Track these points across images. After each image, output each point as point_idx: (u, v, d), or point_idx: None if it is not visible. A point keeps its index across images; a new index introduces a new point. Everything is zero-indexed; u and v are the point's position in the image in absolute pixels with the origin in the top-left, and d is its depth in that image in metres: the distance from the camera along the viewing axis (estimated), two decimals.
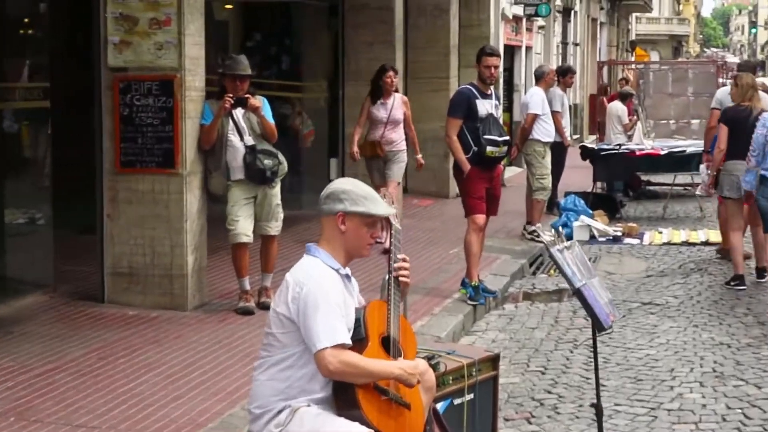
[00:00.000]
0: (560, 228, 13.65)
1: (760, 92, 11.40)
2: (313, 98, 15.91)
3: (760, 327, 9.18)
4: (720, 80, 21.97)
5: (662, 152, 17.05)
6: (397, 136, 11.94)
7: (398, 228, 4.82)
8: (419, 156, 12.38)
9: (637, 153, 17.03)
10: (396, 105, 11.92)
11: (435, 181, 17.01)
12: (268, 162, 8.91)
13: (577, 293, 5.44)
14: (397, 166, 12.02)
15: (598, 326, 5.49)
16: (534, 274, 12.02)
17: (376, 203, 4.60)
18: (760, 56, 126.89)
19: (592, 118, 33.67)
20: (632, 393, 7.30)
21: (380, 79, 11.89)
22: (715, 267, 12.12)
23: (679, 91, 20.06)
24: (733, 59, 74.07)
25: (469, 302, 9.67)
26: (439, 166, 16.90)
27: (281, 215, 9.14)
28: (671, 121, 20.06)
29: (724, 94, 12.59)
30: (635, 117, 20.10)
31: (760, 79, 13.68)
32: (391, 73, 11.92)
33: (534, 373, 7.87)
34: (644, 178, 19.49)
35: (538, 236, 13.36)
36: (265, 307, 8.94)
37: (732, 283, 10.94)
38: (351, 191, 4.56)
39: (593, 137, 30.51)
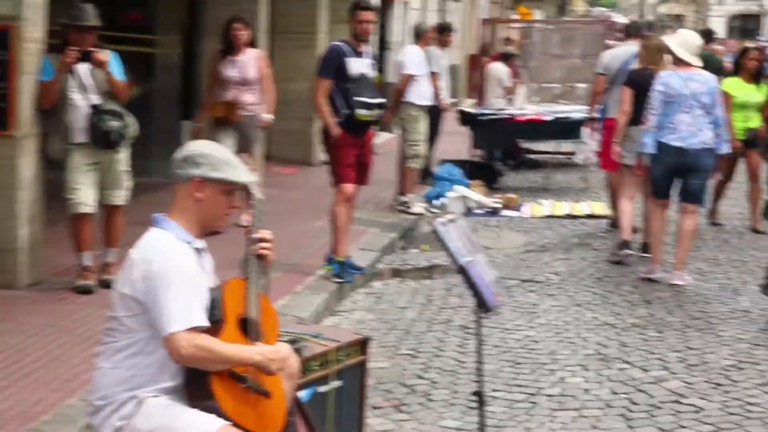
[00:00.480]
0: (436, 200, 14.10)
1: None
2: (164, 54, 15.65)
3: (647, 306, 9.38)
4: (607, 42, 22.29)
5: (546, 118, 17.24)
6: (252, 98, 11.42)
7: (260, 198, 4.76)
8: (267, 115, 11.58)
9: (519, 119, 17.19)
10: (249, 62, 11.35)
11: (299, 147, 16.95)
12: (114, 123, 8.73)
13: (461, 270, 5.46)
14: (253, 133, 11.56)
15: (483, 307, 5.51)
16: (404, 248, 12.07)
17: (237, 170, 4.54)
18: (649, 16, 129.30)
19: (471, 80, 33.94)
20: (510, 378, 7.39)
21: (228, 33, 11.40)
22: (599, 242, 12.34)
23: (565, 52, 20.26)
24: (621, 20, 75.17)
25: (335, 280, 9.66)
26: (304, 131, 16.88)
27: (128, 183, 8.98)
28: (556, 85, 20.26)
29: (610, 58, 12.79)
30: (519, 79, 20.30)
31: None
32: (238, 25, 11.38)
33: (404, 357, 7.90)
34: (524, 145, 19.72)
35: (410, 207, 13.48)
36: (108, 285, 8.78)
37: (619, 252, 11.28)
38: (210, 155, 4.49)
39: (472, 101, 30.74)
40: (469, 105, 25.68)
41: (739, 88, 13.16)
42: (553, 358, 7.87)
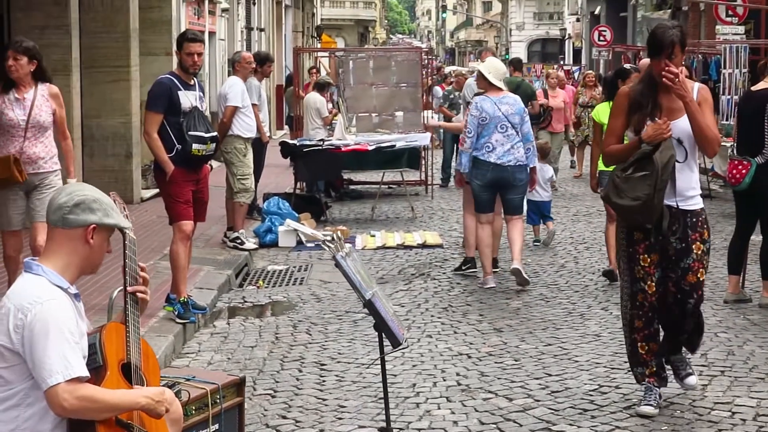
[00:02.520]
0: (266, 235, 14.06)
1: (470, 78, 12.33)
2: None
3: (498, 334, 9.54)
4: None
5: (370, 148, 17.40)
6: (45, 150, 9.26)
7: (133, 238, 4.70)
8: (72, 176, 9.54)
9: (343, 149, 17.30)
10: (38, 102, 9.17)
11: (117, 186, 16.66)
12: None
13: (369, 305, 5.47)
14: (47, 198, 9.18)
15: (393, 341, 5.55)
16: (241, 285, 12.00)
17: (119, 214, 4.53)
18: (449, 43, 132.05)
19: (280, 111, 34.05)
20: (376, 413, 7.40)
21: (2, 64, 9.25)
22: (437, 271, 12.50)
23: (381, 81, 20.48)
24: (421, 45, 76.48)
25: (179, 320, 9.54)
26: (122, 168, 16.63)
27: None
28: (374, 114, 20.44)
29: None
30: (335, 110, 20.44)
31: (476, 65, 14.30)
32: (13, 52, 9.08)
33: (263, 397, 7.84)
34: (346, 176, 19.89)
35: (242, 243, 13.42)
36: None
37: (464, 268, 12.17)
38: (101, 200, 4.48)
39: (282, 132, 30.84)
40: (280, 136, 25.81)
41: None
42: (416, 391, 7.92)
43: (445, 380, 8.18)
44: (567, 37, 72.66)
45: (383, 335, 5.59)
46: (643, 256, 7.14)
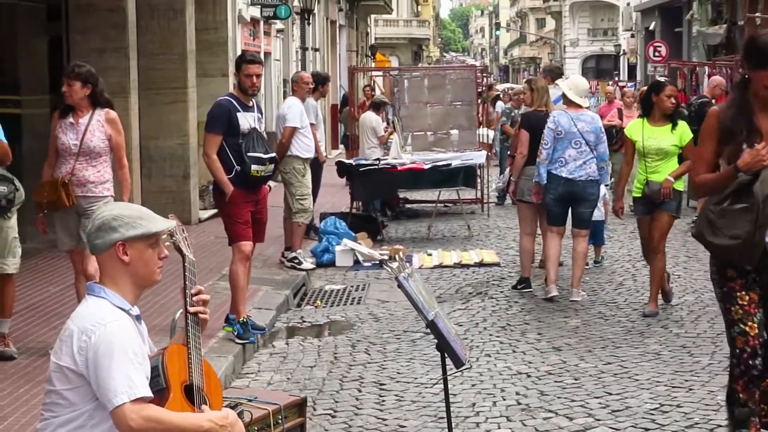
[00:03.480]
0: (323, 255, 14.11)
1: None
2: (31, 115, 15.41)
3: (557, 353, 9.51)
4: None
5: (426, 167, 17.42)
6: (96, 175, 9.18)
7: (192, 259, 4.74)
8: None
9: (399, 168, 17.33)
10: (92, 127, 9.13)
11: (175, 207, 16.77)
12: (2, 188, 8.59)
13: (432, 326, 5.48)
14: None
15: (456, 362, 5.54)
16: (299, 305, 12.04)
17: (153, 220, 4.56)
18: (503, 60, 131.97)
19: (335, 130, 34.17)
20: None
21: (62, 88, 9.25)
22: (494, 290, 12.48)
23: (436, 99, 20.49)
24: (475, 63, 76.49)
25: (238, 341, 9.59)
26: (180, 189, 16.74)
27: (19, 250, 8.81)
28: (429, 133, 20.45)
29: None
30: (390, 128, 20.49)
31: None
32: (65, 78, 9.14)
33: (323, 417, 7.88)
34: (402, 195, 19.92)
35: (300, 263, 13.46)
36: (6, 357, 8.62)
37: (519, 287, 12.28)
38: (122, 215, 4.49)
39: (337, 152, 30.94)
40: (336, 156, 25.86)
41: (647, 131, 10.98)
42: (475, 410, 7.92)
43: (504, 399, 8.17)
44: (622, 53, 72.33)
45: (446, 356, 5.58)
46: (740, 294, 6.20)
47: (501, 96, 29.87)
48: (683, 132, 10.97)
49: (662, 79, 12.13)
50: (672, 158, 10.95)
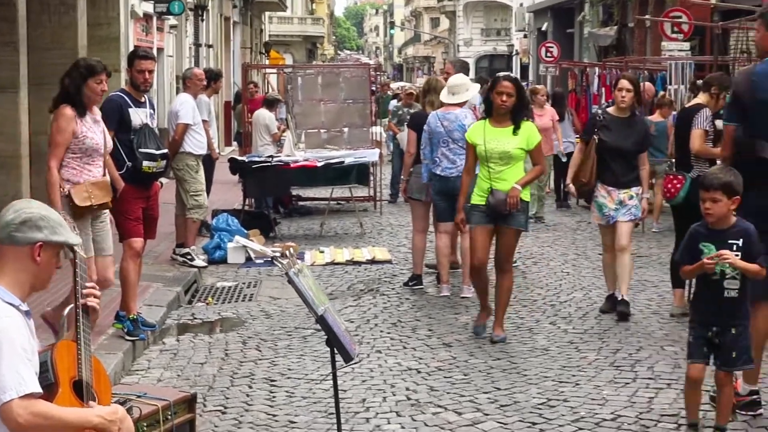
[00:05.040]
0: (215, 252, 14.08)
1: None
2: None
3: (447, 349, 9.61)
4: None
5: (319, 164, 17.46)
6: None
7: (82, 256, 4.73)
8: None
9: (292, 165, 17.34)
10: (104, 123, 9.18)
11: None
12: None
13: (321, 320, 5.52)
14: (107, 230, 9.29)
15: (345, 357, 5.59)
16: (190, 302, 12.01)
17: (68, 230, 4.55)
18: (397, 59, 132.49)
19: (228, 127, 34.02)
20: (326, 429, 7.45)
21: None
22: (386, 287, 12.56)
23: (330, 97, 20.52)
24: (369, 62, 76.73)
25: (128, 338, 9.54)
26: None
27: None
28: (323, 130, 20.48)
29: None
30: (284, 126, 20.47)
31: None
32: (104, 71, 9.10)
33: (213, 414, 7.86)
34: (295, 192, 19.95)
35: (192, 260, 13.42)
36: None
37: (410, 284, 12.41)
38: (49, 217, 4.47)
39: (230, 148, 30.82)
40: (228, 153, 25.77)
41: (488, 133, 9.93)
42: (365, 406, 7.97)
43: (394, 395, 8.24)
44: (514, 53, 73.04)
45: (335, 350, 5.64)
46: None
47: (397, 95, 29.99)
48: (530, 134, 9.91)
49: (504, 74, 10.54)
50: (518, 163, 9.89)
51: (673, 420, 7.46)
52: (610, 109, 11.30)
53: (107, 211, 9.11)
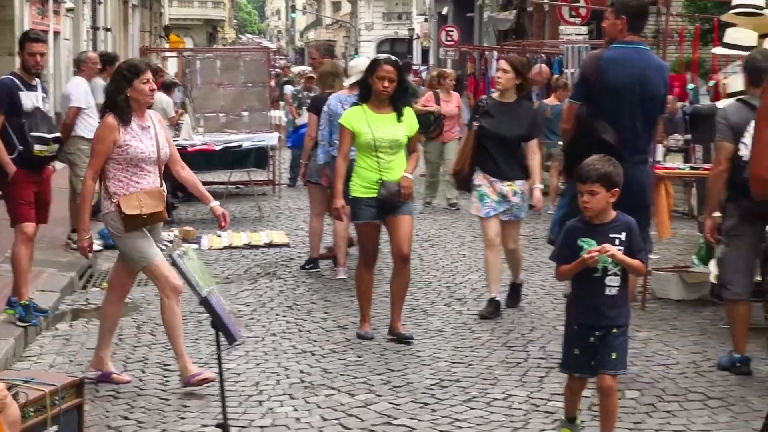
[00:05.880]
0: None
1: None
2: None
3: (342, 332, 9.65)
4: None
5: (217, 148, 17.38)
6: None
7: None
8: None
9: (190, 149, 17.22)
10: (158, 129, 8.48)
11: None
12: None
13: (205, 303, 5.52)
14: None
15: (229, 338, 5.60)
16: (85, 287, 11.90)
17: None
18: (299, 43, 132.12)
19: None
20: (218, 412, 7.39)
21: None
22: (283, 270, 12.56)
23: (229, 81, 20.41)
24: (271, 46, 76.47)
25: (20, 323, 9.43)
26: None
27: None
28: (221, 114, 20.37)
29: None
30: (181, 110, 20.34)
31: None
32: (149, 69, 8.63)
33: (105, 399, 7.81)
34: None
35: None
36: None
37: (307, 267, 12.44)
38: None
39: None
40: None
41: (373, 120, 9.31)
42: (259, 389, 7.98)
43: (288, 378, 8.26)
44: (415, 37, 73.30)
45: (220, 333, 5.65)
46: None
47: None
48: (413, 120, 9.40)
49: (384, 56, 9.57)
50: (402, 152, 9.36)
51: (563, 399, 7.56)
52: (495, 94, 10.41)
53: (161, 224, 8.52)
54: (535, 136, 10.32)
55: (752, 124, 7.22)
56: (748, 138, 7.79)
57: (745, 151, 7.96)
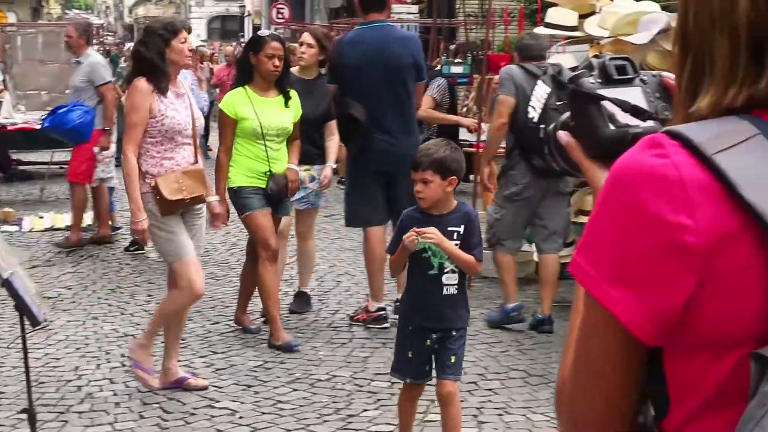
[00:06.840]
0: None
1: None
2: None
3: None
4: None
5: (38, 127, 17.00)
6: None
7: None
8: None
9: (10, 128, 16.86)
10: (193, 99, 7.78)
11: None
12: None
13: (7, 285, 5.40)
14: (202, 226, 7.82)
15: (32, 320, 5.49)
16: None
17: None
18: (128, 19, 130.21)
19: None
20: (36, 398, 7.25)
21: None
22: (106, 253, 12.38)
23: (52, 57, 20.00)
24: (98, 21, 75.34)
25: None
26: None
27: None
28: (44, 92, 19.97)
29: None
30: (2, 87, 19.86)
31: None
32: (184, 28, 7.62)
33: None
34: (15, 156, 19.37)
35: None
36: None
37: (131, 249, 12.39)
38: None
39: None
40: None
41: (259, 105, 8.46)
42: (78, 374, 7.87)
43: (109, 362, 8.16)
44: (246, 14, 72.81)
45: (24, 315, 5.57)
46: None
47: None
48: (298, 104, 8.63)
49: (268, 32, 9.04)
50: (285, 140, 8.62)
51: (386, 378, 7.63)
52: (295, 69, 9.27)
53: (203, 204, 7.60)
54: (333, 117, 9.27)
55: (537, 89, 8.64)
56: (535, 102, 8.64)
57: (534, 114, 8.64)
